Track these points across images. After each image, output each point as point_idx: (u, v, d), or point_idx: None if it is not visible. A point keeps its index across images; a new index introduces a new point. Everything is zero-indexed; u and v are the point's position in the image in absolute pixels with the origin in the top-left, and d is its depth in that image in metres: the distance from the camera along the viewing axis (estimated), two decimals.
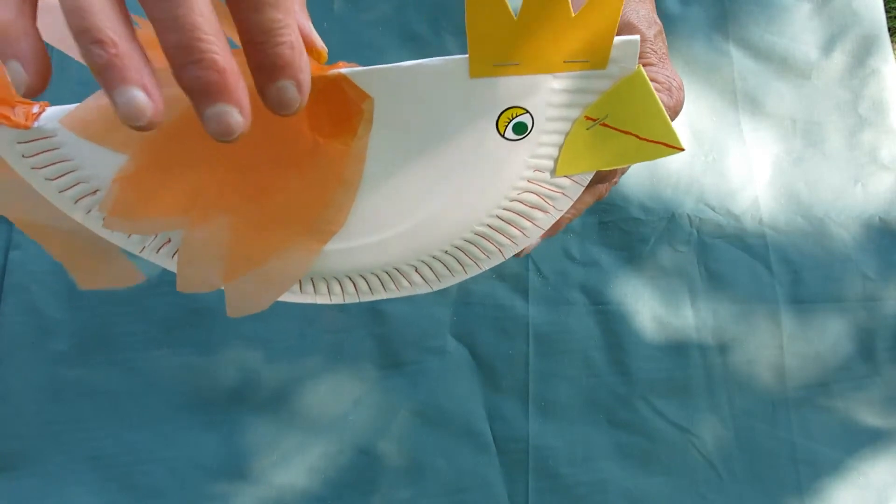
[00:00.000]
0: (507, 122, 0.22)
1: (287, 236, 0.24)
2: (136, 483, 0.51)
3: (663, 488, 0.53)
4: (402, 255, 0.25)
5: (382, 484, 0.52)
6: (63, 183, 0.23)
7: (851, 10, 0.68)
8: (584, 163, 0.23)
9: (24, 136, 0.22)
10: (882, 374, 0.57)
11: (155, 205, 0.22)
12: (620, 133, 0.22)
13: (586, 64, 0.20)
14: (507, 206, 0.24)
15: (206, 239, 0.23)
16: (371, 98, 0.20)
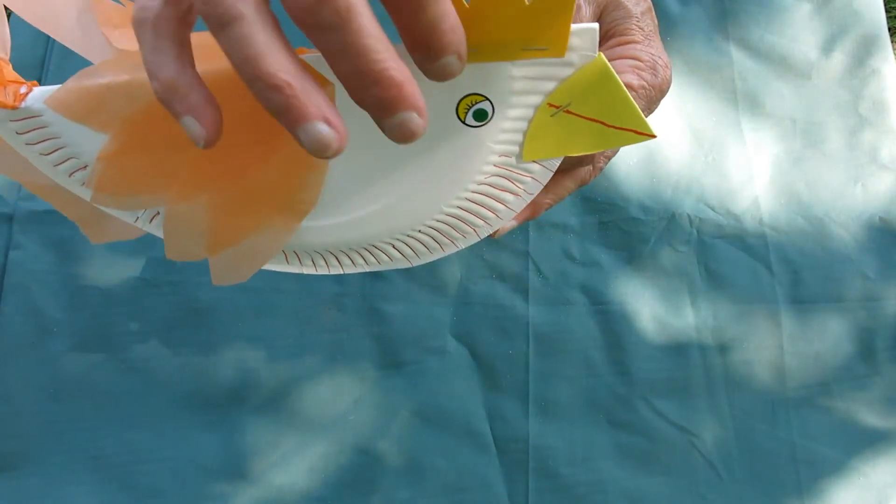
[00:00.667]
0: (467, 108, 0.22)
1: (263, 214, 0.25)
2: (136, 483, 0.51)
3: (663, 488, 0.53)
4: (376, 233, 0.27)
5: (382, 484, 0.52)
6: (56, 157, 0.24)
7: (851, 10, 0.68)
8: (550, 149, 0.23)
9: (15, 115, 0.23)
10: (882, 374, 0.57)
11: (136, 182, 0.23)
12: (586, 120, 0.22)
13: (545, 52, 0.20)
14: (476, 189, 0.25)
15: (187, 216, 0.25)
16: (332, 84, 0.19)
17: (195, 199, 0.24)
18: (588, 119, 0.22)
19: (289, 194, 0.24)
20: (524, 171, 0.25)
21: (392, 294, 0.54)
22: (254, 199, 0.24)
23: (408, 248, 0.28)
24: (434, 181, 0.25)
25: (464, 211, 0.26)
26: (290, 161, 0.23)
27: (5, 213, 0.56)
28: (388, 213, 0.26)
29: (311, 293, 0.55)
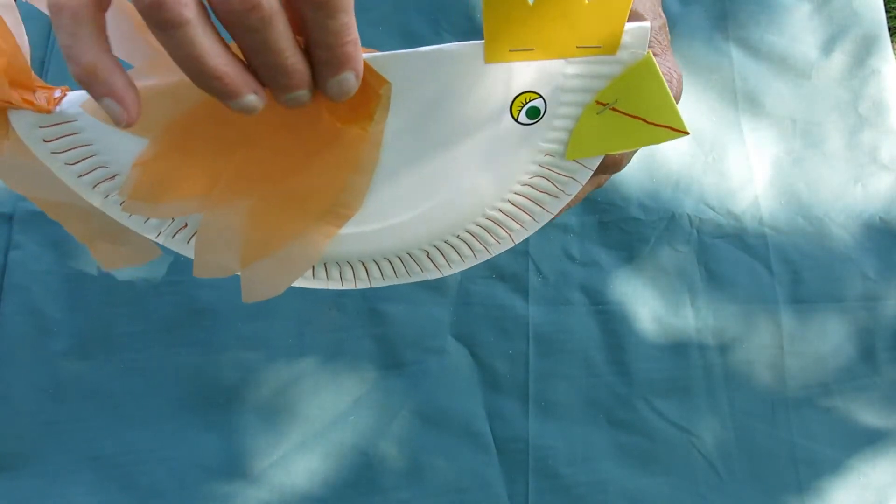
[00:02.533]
0: (521, 106, 0.22)
1: (304, 220, 0.24)
2: (136, 483, 0.51)
3: (663, 488, 0.53)
4: (416, 239, 0.25)
5: (382, 484, 0.52)
6: (82, 167, 0.23)
7: (851, 10, 0.68)
8: (595, 146, 0.23)
9: (46, 121, 0.22)
10: (882, 374, 0.57)
11: (174, 188, 0.23)
12: (629, 117, 0.22)
13: (599, 49, 0.21)
14: (519, 191, 0.25)
15: (224, 223, 0.24)
16: (389, 83, 0.20)
17: (235, 204, 0.23)
18: (631, 116, 0.22)
19: (331, 198, 0.23)
20: (565, 170, 0.24)
21: (392, 294, 0.54)
22: (295, 203, 0.23)
23: (441, 257, 0.26)
24: (481, 181, 0.24)
25: (503, 214, 0.25)
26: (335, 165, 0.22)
27: (5, 214, 0.56)
28: (432, 216, 0.25)
29: (311, 294, 0.55)
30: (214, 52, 0.17)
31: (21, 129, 0.22)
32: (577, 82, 0.22)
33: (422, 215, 0.25)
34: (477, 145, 0.23)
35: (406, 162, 0.23)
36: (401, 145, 0.22)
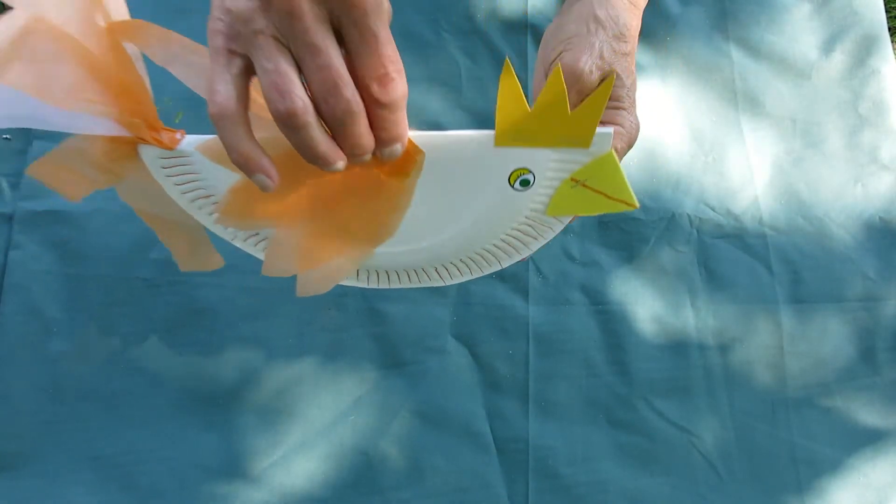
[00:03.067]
0: (517, 178, 0.30)
1: (349, 242, 0.33)
2: (136, 483, 0.51)
3: (663, 488, 0.53)
4: (429, 260, 0.35)
5: (383, 484, 0.52)
6: (187, 188, 0.31)
7: (851, 10, 0.68)
8: (568, 209, 0.32)
9: (166, 155, 0.29)
10: (882, 374, 0.57)
11: (255, 210, 0.31)
12: (594, 192, 0.30)
13: (576, 144, 0.28)
14: (510, 234, 0.34)
15: (291, 239, 0.32)
16: (423, 153, 0.28)
17: (298, 227, 0.32)
18: (595, 191, 0.30)
19: (373, 229, 0.32)
20: (545, 223, 0.33)
21: (392, 294, 0.54)
22: (344, 230, 0.32)
23: (446, 272, 0.36)
24: (483, 226, 0.33)
25: (497, 248, 0.35)
26: (377, 206, 0.31)
27: (5, 214, 0.56)
28: (441, 246, 0.34)
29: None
30: (321, 139, 0.24)
31: (147, 159, 0.29)
32: (559, 165, 0.29)
33: (435, 244, 0.34)
34: (481, 200, 0.31)
35: (428, 207, 0.31)
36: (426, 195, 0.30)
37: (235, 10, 0.23)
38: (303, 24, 0.23)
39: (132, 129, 0.28)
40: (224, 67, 0.24)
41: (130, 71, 0.28)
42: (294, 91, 0.23)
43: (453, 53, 0.63)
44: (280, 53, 0.23)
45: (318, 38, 0.23)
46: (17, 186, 0.57)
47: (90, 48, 0.27)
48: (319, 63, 0.23)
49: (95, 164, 0.30)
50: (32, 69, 0.25)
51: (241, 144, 0.25)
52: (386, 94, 0.25)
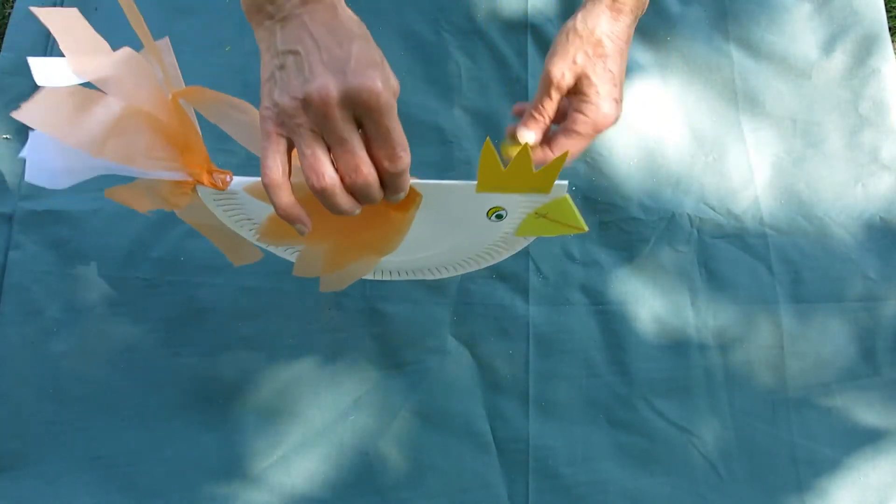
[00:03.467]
0: (493, 213, 0.39)
1: (361, 254, 0.42)
2: (136, 483, 0.51)
3: (663, 488, 0.53)
4: (424, 265, 0.47)
5: (383, 484, 0.52)
6: (235, 215, 0.40)
7: (852, 10, 0.68)
8: (532, 232, 0.41)
9: (218, 193, 0.38)
10: (882, 374, 0.57)
11: (288, 234, 0.40)
12: (552, 221, 0.39)
13: (539, 191, 0.37)
14: (487, 249, 0.44)
15: (316, 253, 0.42)
16: (421, 195, 0.37)
17: (322, 244, 0.41)
18: (553, 220, 0.39)
19: (380, 245, 0.41)
20: (516, 241, 0.43)
21: (392, 294, 0.54)
22: (358, 246, 0.41)
23: (437, 271, 0.48)
24: (465, 244, 0.44)
25: (478, 256, 0.45)
26: (384, 230, 0.39)
27: (5, 214, 0.56)
28: (435, 258, 0.45)
29: (311, 294, 0.55)
30: (344, 200, 0.32)
31: (204, 195, 0.38)
32: (526, 203, 0.38)
33: (429, 256, 0.45)
34: (464, 228, 0.41)
35: (424, 231, 0.40)
36: (423, 223, 0.39)
37: (282, 105, 0.31)
38: (333, 122, 0.31)
39: (193, 175, 0.36)
40: (273, 147, 0.32)
41: (191, 129, 0.36)
42: (326, 172, 0.31)
43: (453, 53, 0.63)
44: (316, 142, 0.31)
45: (345, 133, 0.31)
46: (16, 186, 0.57)
47: (161, 117, 0.34)
48: (345, 150, 0.31)
49: (161, 197, 0.37)
50: (122, 142, 0.33)
51: (285, 204, 0.33)
52: (395, 167, 0.32)
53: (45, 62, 0.33)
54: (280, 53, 0.32)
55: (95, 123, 0.32)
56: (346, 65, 0.31)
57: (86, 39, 0.34)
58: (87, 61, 0.33)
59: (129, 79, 0.34)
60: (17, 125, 0.59)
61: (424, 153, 0.60)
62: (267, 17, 0.33)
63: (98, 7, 0.63)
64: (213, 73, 0.61)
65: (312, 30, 0.32)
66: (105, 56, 0.34)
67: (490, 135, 0.61)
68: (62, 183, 0.36)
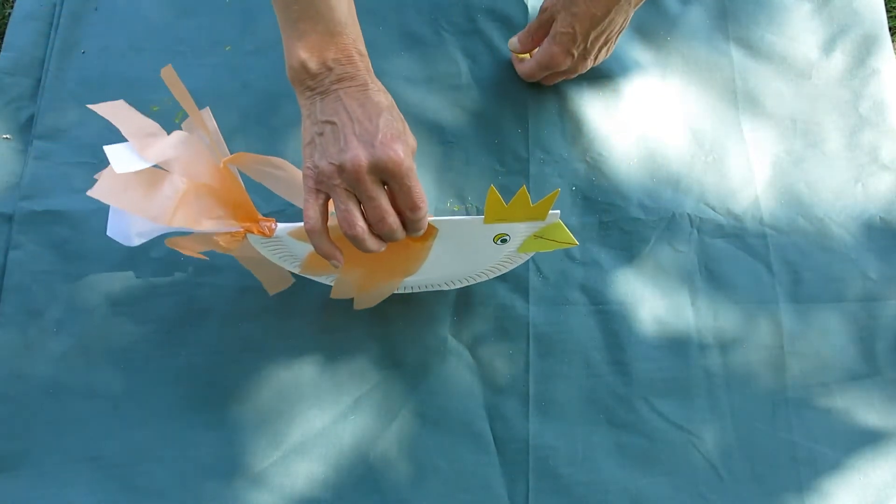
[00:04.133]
0: (498, 238, 0.45)
1: (387, 277, 0.50)
2: (136, 483, 0.51)
3: (663, 488, 0.53)
4: (441, 280, 0.53)
5: (383, 484, 0.52)
6: (278, 253, 0.46)
7: (852, 10, 0.68)
8: (533, 249, 0.47)
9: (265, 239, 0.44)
10: (882, 374, 0.57)
11: (325, 267, 0.48)
12: (547, 239, 0.46)
13: (536, 219, 0.43)
14: (493, 266, 0.51)
15: (349, 278, 0.49)
16: (438, 229, 0.44)
17: (354, 272, 0.48)
18: (548, 239, 0.46)
19: (403, 270, 0.49)
20: (519, 257, 0.49)
21: (392, 294, 0.54)
22: (385, 271, 0.49)
23: (451, 283, 0.54)
24: (475, 265, 0.50)
25: (487, 271, 0.52)
26: (406, 257, 0.47)
27: (5, 214, 0.56)
28: (448, 276, 0.52)
29: (311, 294, 0.55)
30: (372, 243, 0.40)
31: (252, 240, 0.44)
32: (525, 230, 0.45)
33: (444, 275, 0.52)
34: (475, 252, 0.48)
35: (441, 256, 0.47)
36: (440, 250, 0.46)
37: (321, 168, 0.39)
38: (363, 185, 0.38)
39: (244, 227, 0.43)
40: (313, 200, 0.39)
41: (239, 188, 0.43)
42: (357, 223, 0.39)
43: (453, 53, 0.63)
44: (349, 198, 0.39)
45: (373, 192, 0.38)
46: (16, 186, 0.57)
47: (215, 184, 0.41)
48: (373, 205, 0.39)
49: (216, 244, 0.43)
50: (188, 212, 0.39)
51: (324, 246, 0.40)
52: (415, 215, 0.40)
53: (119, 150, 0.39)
54: (319, 122, 0.39)
55: (165, 199, 0.38)
56: (375, 138, 0.38)
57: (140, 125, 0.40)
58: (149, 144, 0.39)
59: (186, 156, 0.40)
60: (18, 125, 0.59)
61: (424, 153, 0.60)
62: (308, 89, 0.40)
63: (98, 7, 0.63)
64: (213, 73, 0.61)
65: (347, 104, 0.39)
66: (163, 139, 0.40)
67: (490, 135, 0.61)
68: (137, 241, 0.42)
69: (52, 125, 0.59)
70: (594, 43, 0.56)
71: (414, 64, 0.63)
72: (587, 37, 0.54)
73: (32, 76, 0.61)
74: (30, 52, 0.61)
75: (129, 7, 0.63)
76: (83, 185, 0.57)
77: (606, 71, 0.63)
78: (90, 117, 0.59)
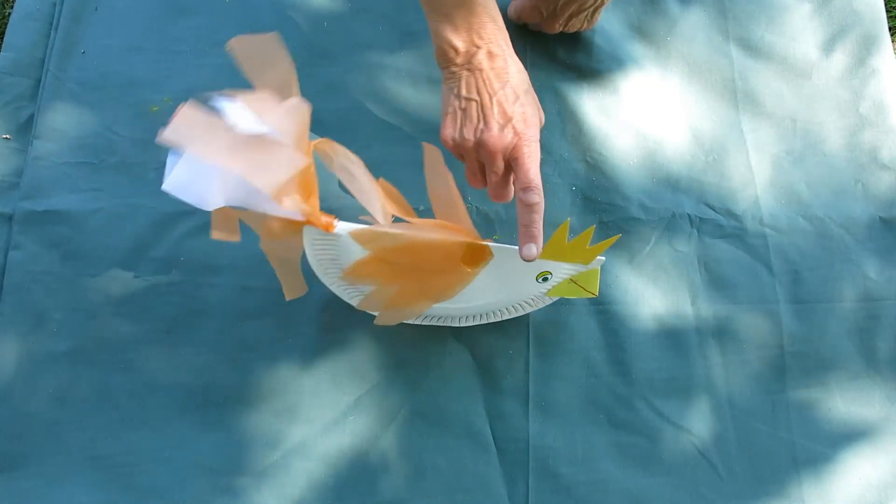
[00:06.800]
0: (542, 276, 0.47)
1: (422, 298, 0.48)
2: (136, 483, 0.51)
3: (663, 488, 0.53)
4: (471, 313, 0.53)
5: (383, 484, 0.52)
6: (321, 254, 0.46)
7: (852, 10, 0.68)
8: (559, 293, 0.49)
9: (319, 233, 0.43)
10: (882, 373, 0.57)
11: (368, 273, 0.46)
12: (577, 286, 0.48)
13: (583, 262, 0.46)
14: (521, 303, 0.52)
15: (383, 293, 0.47)
16: (493, 254, 0.44)
17: (392, 286, 0.46)
18: (579, 286, 0.48)
19: (440, 293, 0.48)
20: (542, 299, 0.51)
21: None
22: (422, 291, 0.47)
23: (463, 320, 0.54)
24: (503, 300, 0.51)
25: (507, 310, 0.53)
26: (450, 283, 0.47)
27: (5, 213, 0.56)
28: (478, 308, 0.52)
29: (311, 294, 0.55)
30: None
31: (307, 234, 0.43)
32: (568, 271, 0.47)
33: (479, 305, 0.52)
34: (512, 286, 0.49)
35: (482, 285, 0.47)
36: (482, 279, 0.46)
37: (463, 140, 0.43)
38: (495, 163, 0.43)
39: (309, 217, 0.41)
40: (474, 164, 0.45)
41: (314, 177, 0.41)
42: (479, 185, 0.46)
43: None
44: (480, 168, 0.45)
45: (498, 169, 0.43)
46: (16, 186, 0.57)
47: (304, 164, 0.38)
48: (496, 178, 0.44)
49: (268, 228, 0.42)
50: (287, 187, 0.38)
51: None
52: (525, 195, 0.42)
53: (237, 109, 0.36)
54: (463, 98, 0.43)
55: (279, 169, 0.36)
56: (509, 123, 0.42)
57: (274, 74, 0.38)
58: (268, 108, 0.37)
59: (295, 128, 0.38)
60: (18, 125, 0.59)
61: None
62: (454, 65, 0.43)
63: (98, 7, 0.63)
64: (212, 73, 0.61)
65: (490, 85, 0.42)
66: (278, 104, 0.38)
67: None
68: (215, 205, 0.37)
69: (52, 125, 0.59)
70: (564, 8, 0.58)
71: (415, 62, 0.63)
72: (556, 0, 0.57)
73: (32, 76, 0.61)
74: (30, 52, 0.61)
75: (129, 7, 0.63)
76: (83, 185, 0.57)
77: (606, 71, 0.63)
78: (90, 117, 0.59)
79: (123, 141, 0.58)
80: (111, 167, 0.58)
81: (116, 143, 0.58)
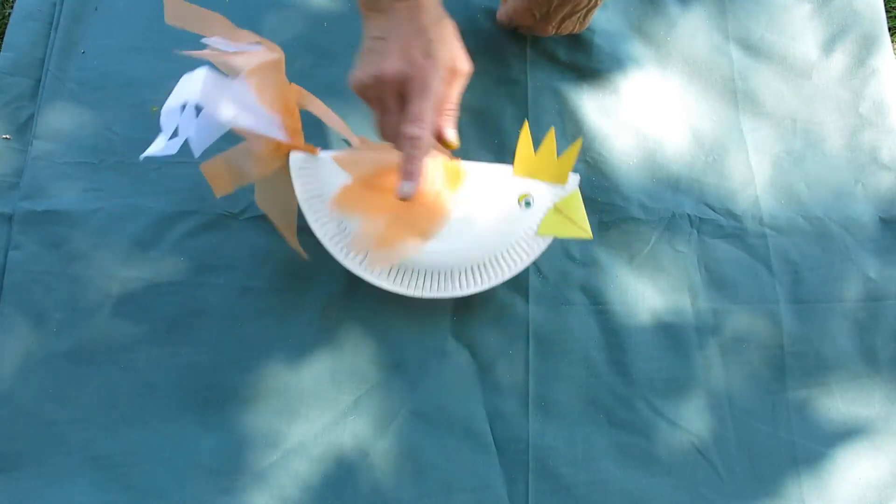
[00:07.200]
0: (522, 199, 0.48)
1: (410, 233, 0.48)
2: (136, 483, 0.51)
3: (663, 488, 0.53)
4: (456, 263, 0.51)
5: (382, 484, 0.52)
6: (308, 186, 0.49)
7: (852, 10, 0.68)
8: (550, 230, 0.49)
9: (306, 161, 0.48)
10: (882, 373, 0.57)
11: (353, 202, 0.48)
12: (566, 218, 0.48)
13: (558, 181, 0.47)
14: (513, 246, 0.50)
15: (371, 228, 0.47)
16: (467, 174, 0.48)
17: (380, 217, 0.47)
18: (566, 217, 0.48)
19: (427, 227, 0.48)
20: (536, 241, 0.50)
21: (392, 294, 0.54)
22: (409, 224, 0.47)
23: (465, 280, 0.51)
24: (495, 234, 0.50)
25: (502, 258, 0.50)
26: (434, 212, 0.47)
27: (5, 213, 0.56)
28: (467, 250, 0.50)
29: (311, 294, 0.55)
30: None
31: (293, 160, 0.48)
32: (547, 194, 0.48)
33: (462, 247, 0.50)
34: (497, 211, 0.49)
35: (463, 217, 0.48)
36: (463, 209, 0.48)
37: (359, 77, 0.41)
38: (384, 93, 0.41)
39: (294, 139, 0.47)
40: None
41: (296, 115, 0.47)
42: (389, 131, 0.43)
43: None
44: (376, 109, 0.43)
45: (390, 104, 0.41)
46: (16, 186, 0.57)
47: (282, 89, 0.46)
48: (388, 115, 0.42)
49: (257, 157, 0.46)
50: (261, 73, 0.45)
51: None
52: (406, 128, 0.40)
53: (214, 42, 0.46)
54: (371, 38, 0.41)
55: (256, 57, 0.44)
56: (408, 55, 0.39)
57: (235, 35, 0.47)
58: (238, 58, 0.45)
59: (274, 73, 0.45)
60: (17, 125, 0.59)
61: None
62: (370, 9, 0.41)
63: (98, 7, 0.63)
64: None
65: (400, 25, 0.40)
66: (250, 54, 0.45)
67: (490, 135, 0.61)
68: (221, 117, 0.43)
69: (52, 125, 0.59)
70: (557, 10, 0.57)
71: None
72: (550, 2, 0.56)
73: (32, 76, 0.61)
74: (30, 52, 0.61)
75: (128, 7, 0.63)
76: (83, 185, 0.57)
77: (606, 71, 0.63)
78: (90, 117, 0.59)
79: (123, 141, 0.58)
80: (111, 167, 0.58)
81: (116, 143, 0.58)
